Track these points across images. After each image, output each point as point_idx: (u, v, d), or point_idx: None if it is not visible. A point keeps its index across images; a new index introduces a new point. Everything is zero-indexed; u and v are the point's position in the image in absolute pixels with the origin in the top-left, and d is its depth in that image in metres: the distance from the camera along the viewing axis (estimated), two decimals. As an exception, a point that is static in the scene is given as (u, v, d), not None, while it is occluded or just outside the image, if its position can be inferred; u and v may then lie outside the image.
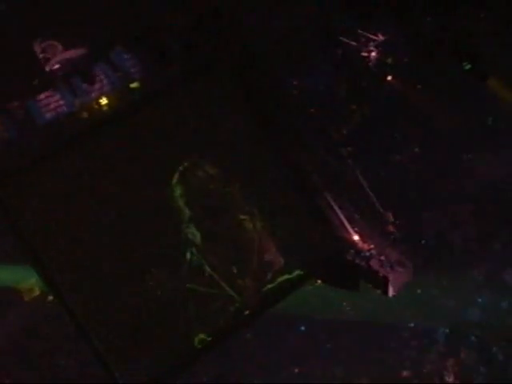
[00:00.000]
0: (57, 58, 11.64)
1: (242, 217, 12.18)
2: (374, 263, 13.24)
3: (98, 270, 11.20)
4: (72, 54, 11.72)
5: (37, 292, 12.72)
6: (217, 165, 12.06)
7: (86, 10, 11.58)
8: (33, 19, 11.46)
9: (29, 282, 12.59)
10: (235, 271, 12.03)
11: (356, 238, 13.03)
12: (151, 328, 11.43)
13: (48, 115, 11.60)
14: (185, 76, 12.01)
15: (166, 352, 11.52)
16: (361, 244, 13.10)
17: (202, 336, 11.76)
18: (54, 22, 11.53)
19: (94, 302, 11.20)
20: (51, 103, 11.62)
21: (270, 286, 12.27)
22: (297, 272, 12.37)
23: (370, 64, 13.77)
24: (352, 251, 12.94)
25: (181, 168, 11.91)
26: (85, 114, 11.79)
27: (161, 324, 11.49)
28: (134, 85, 12.00)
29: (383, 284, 13.42)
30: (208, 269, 11.85)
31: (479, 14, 12.03)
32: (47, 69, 11.64)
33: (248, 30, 12.50)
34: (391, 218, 13.69)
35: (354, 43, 13.44)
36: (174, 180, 11.86)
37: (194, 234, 11.84)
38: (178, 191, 11.89)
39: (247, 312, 12.12)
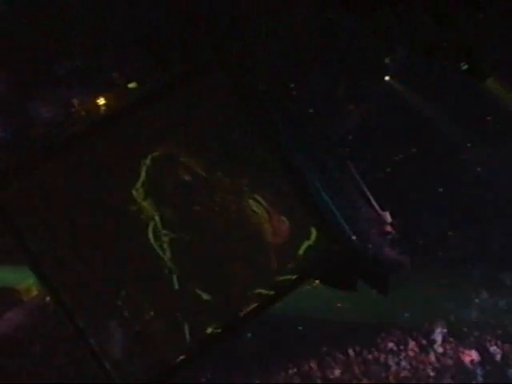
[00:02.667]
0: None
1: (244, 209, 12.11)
2: (371, 263, 13.24)
3: (97, 270, 11.18)
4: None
5: (35, 292, 12.72)
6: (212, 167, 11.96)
7: (85, 10, 11.59)
8: (33, 19, 11.46)
9: (27, 282, 12.59)
10: (222, 275, 11.90)
11: (354, 238, 13.00)
12: (150, 329, 11.42)
13: (46, 115, 11.60)
14: (183, 77, 11.99)
15: (164, 353, 11.50)
16: (359, 244, 13.08)
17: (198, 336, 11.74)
18: (54, 22, 11.53)
19: (91, 302, 11.19)
20: (50, 103, 11.62)
21: (265, 287, 12.21)
22: (293, 274, 12.30)
23: (368, 64, 13.78)
24: (350, 251, 12.91)
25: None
26: (83, 114, 11.79)
27: (159, 324, 11.48)
28: (131, 85, 12.00)
29: (381, 284, 13.42)
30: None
31: (478, 14, 12.02)
32: None
33: (246, 31, 12.51)
34: (389, 219, 13.69)
35: (352, 43, 13.43)
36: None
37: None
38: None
39: (241, 315, 12.02)
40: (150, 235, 11.46)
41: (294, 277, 11.91)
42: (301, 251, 12.04)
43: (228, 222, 11.80)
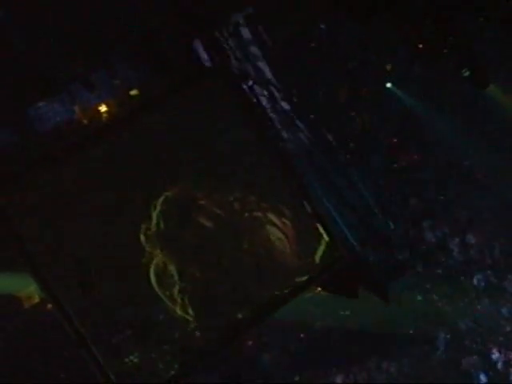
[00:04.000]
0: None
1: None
2: (373, 270, 13.24)
3: (98, 278, 11.16)
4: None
5: (36, 299, 12.67)
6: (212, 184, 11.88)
7: (85, 17, 11.57)
8: (32, 26, 11.44)
9: (28, 289, 12.55)
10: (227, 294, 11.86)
11: (356, 245, 13.02)
12: (151, 337, 11.39)
13: (48, 123, 11.58)
14: (184, 84, 12.00)
15: (166, 361, 11.48)
16: (360, 251, 13.09)
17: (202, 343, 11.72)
18: (54, 30, 11.51)
19: (92, 309, 11.17)
20: (51, 110, 11.60)
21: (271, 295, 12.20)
22: (297, 281, 12.31)
23: (370, 71, 13.80)
24: (352, 258, 12.91)
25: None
26: (85, 121, 11.79)
27: (161, 332, 11.46)
28: (133, 92, 12.01)
29: (383, 291, 13.42)
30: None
31: (479, 21, 12.04)
32: None
33: (246, 37, 12.52)
34: (391, 226, 13.69)
35: (353, 50, 13.46)
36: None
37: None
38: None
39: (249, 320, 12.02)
40: (155, 284, 11.39)
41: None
42: (317, 257, 12.16)
43: (255, 266, 11.82)
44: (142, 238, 11.33)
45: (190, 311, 11.40)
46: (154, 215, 11.38)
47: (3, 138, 11.40)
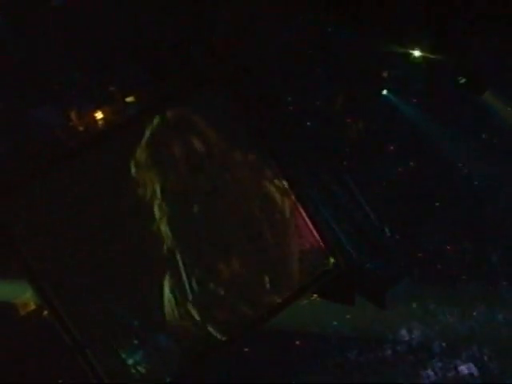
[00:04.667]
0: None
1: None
2: (370, 277, 13.24)
3: (95, 284, 11.18)
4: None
5: (32, 306, 12.65)
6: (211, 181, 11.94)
7: (83, 23, 11.61)
8: (31, 31, 11.47)
9: (24, 296, 12.53)
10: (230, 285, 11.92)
11: (352, 252, 13.01)
12: (151, 343, 11.41)
13: (44, 128, 11.60)
14: (182, 91, 12.02)
15: (164, 362, 11.50)
16: (357, 258, 13.09)
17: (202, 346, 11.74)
18: (53, 35, 11.55)
19: (90, 317, 11.17)
20: (48, 116, 11.61)
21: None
22: (293, 287, 12.33)
23: (366, 78, 13.80)
24: (348, 265, 12.92)
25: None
26: (80, 128, 11.79)
27: (161, 338, 11.48)
28: (129, 99, 12.02)
29: (379, 298, 13.42)
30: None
31: (476, 28, 12.08)
32: None
33: (245, 44, 12.55)
34: (388, 232, 13.69)
35: (349, 57, 13.46)
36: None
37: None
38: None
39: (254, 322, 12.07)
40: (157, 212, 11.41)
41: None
42: (313, 264, 12.19)
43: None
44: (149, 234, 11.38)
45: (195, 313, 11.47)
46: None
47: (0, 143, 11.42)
